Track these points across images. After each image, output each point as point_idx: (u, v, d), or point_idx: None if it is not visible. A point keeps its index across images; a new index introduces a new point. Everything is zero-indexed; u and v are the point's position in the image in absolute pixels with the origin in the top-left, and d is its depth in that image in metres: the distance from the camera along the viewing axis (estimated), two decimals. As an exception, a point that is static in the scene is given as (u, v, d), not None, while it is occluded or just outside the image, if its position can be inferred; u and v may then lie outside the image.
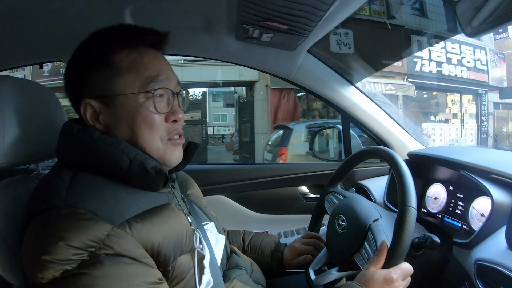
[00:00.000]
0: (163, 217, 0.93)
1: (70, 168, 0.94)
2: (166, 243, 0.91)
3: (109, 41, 0.99)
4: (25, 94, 1.14)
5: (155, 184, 0.97)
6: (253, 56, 1.82)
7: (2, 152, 1.05)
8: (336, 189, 1.49)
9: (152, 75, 0.98)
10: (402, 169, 1.11)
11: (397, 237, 1.02)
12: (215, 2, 1.37)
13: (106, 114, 0.97)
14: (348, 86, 1.95)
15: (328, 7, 1.17)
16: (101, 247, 0.78)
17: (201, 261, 1.00)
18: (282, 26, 1.35)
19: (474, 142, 15.21)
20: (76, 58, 1.01)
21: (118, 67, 0.96)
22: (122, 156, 0.91)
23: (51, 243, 0.76)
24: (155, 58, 1.02)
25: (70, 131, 0.96)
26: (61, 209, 0.81)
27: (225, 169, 2.31)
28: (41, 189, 0.93)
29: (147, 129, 0.97)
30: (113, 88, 0.96)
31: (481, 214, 1.30)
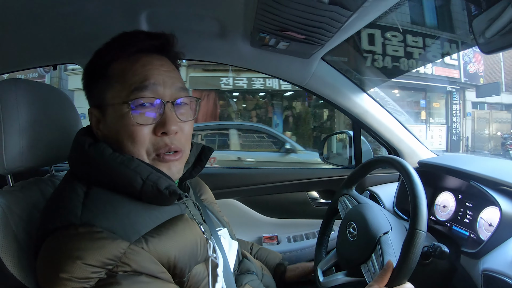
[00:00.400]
0: (178, 230, 0.93)
1: (83, 181, 0.93)
2: (182, 255, 0.91)
3: (106, 50, 0.99)
4: (40, 97, 1.16)
5: (168, 202, 0.96)
6: (267, 62, 1.83)
7: (19, 155, 1.06)
8: (351, 192, 1.49)
9: (138, 81, 0.94)
10: (418, 190, 1.10)
11: (403, 259, 1.03)
12: (232, 9, 1.36)
13: (103, 123, 0.98)
14: (360, 93, 1.95)
15: (346, 19, 1.18)
16: (118, 265, 0.79)
17: (214, 269, 1.01)
18: (299, 36, 1.36)
19: (443, 145, 14.20)
20: (86, 68, 1.03)
21: (110, 76, 0.96)
22: (135, 177, 0.90)
23: (68, 262, 0.77)
24: (146, 64, 0.97)
25: (82, 145, 0.95)
26: (77, 228, 0.81)
27: (236, 173, 2.31)
28: (56, 205, 0.92)
29: (130, 142, 0.94)
30: (105, 98, 0.96)
31: (489, 224, 1.30)
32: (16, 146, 1.06)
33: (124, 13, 1.45)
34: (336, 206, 1.50)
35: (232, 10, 1.37)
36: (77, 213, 0.83)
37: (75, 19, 1.44)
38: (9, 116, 1.05)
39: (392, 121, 2.01)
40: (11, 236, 0.97)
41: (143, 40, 1.00)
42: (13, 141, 1.06)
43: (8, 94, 1.06)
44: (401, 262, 1.03)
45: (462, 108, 14.86)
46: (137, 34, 1.01)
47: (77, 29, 1.53)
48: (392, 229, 1.22)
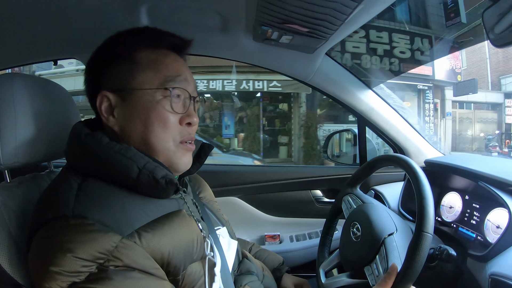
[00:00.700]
0: (173, 225, 0.93)
1: (78, 173, 0.93)
2: (177, 253, 0.90)
3: (133, 38, 1.00)
4: (37, 91, 1.14)
5: (165, 193, 0.95)
6: (270, 57, 1.81)
7: (14, 151, 1.06)
8: (355, 191, 1.46)
9: (172, 74, 0.98)
10: (425, 190, 1.07)
11: (409, 262, 1.00)
12: (233, 2, 1.36)
13: (122, 108, 0.97)
14: (366, 90, 1.93)
15: (351, 11, 1.16)
16: (109, 259, 0.78)
17: (212, 268, 0.99)
18: (302, 28, 1.33)
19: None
20: (99, 52, 1.01)
21: (139, 62, 0.97)
22: (131, 165, 0.90)
23: (59, 255, 0.76)
24: (175, 60, 1.02)
25: (78, 135, 0.95)
26: (68, 219, 0.80)
27: (238, 171, 2.30)
28: (48, 197, 0.92)
29: (161, 127, 0.96)
30: (132, 82, 0.96)
31: (496, 226, 1.28)
32: (12, 141, 1.05)
33: (124, 7, 1.45)
34: (340, 206, 1.48)
35: (234, 3, 1.36)
36: (69, 205, 0.83)
37: (75, 13, 1.44)
38: (5, 111, 1.04)
39: (398, 119, 1.99)
40: (5, 231, 0.96)
41: (173, 37, 1.04)
42: (9, 136, 1.05)
43: (4, 88, 1.05)
44: (406, 266, 1.00)
45: (440, 107, 14.56)
46: (166, 32, 1.04)
47: (77, 24, 1.53)
48: (398, 231, 1.19)
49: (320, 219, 2.11)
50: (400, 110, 2.00)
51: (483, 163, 1.57)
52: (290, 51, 1.68)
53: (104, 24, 1.46)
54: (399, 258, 1.09)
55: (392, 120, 1.98)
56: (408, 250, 1.01)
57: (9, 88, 1.05)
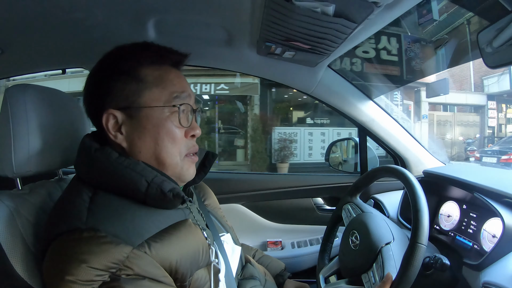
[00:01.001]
0: (180, 235, 0.96)
1: (89, 185, 0.96)
2: (184, 261, 0.94)
3: (137, 54, 1.02)
4: (49, 102, 1.17)
5: (172, 205, 0.99)
6: (274, 70, 1.83)
7: (27, 160, 1.08)
8: (355, 200, 1.49)
9: (177, 90, 1.02)
10: (420, 202, 1.11)
11: (403, 272, 1.04)
12: (238, 18, 1.37)
13: (129, 126, 0.99)
14: (367, 101, 1.96)
15: (352, 31, 1.19)
16: (121, 268, 0.82)
17: (216, 274, 1.03)
18: (305, 46, 1.36)
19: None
20: (101, 68, 1.03)
21: (145, 80, 0.99)
22: (140, 179, 0.93)
23: (74, 265, 0.79)
24: (178, 76, 1.06)
25: (88, 149, 0.97)
26: (82, 232, 0.83)
27: (241, 179, 2.32)
28: (62, 208, 0.95)
29: (170, 143, 1.00)
30: (139, 100, 0.98)
31: (492, 235, 1.30)
32: (25, 151, 1.08)
33: (132, 20, 1.46)
34: (340, 214, 1.51)
35: (239, 19, 1.38)
36: (82, 218, 0.86)
37: (84, 24, 1.46)
38: (18, 121, 1.07)
39: (398, 129, 2.02)
40: (19, 238, 0.99)
41: (174, 54, 1.07)
42: (22, 145, 1.07)
43: (17, 99, 1.08)
44: (400, 275, 1.04)
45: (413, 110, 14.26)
46: (168, 48, 1.07)
47: (87, 35, 1.54)
48: (394, 240, 1.22)
49: (321, 226, 2.14)
50: (400, 121, 2.03)
51: (480, 174, 1.60)
52: (293, 64, 1.71)
53: (113, 35, 1.47)
54: (394, 267, 1.13)
55: (392, 130, 2.01)
56: (402, 260, 1.05)
57: (21, 99, 1.08)
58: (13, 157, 1.07)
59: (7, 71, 1.89)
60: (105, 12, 1.38)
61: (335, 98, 1.96)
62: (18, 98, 1.08)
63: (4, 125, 1.08)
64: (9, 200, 1.03)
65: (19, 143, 1.07)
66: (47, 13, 1.33)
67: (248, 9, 1.25)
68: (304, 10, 1.08)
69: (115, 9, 1.37)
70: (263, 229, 2.20)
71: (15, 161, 1.07)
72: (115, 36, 1.43)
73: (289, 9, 1.08)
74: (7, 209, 1.01)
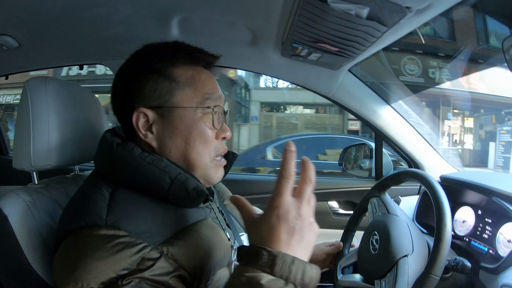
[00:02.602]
0: (202, 233, 0.95)
1: (109, 181, 0.94)
2: (206, 259, 0.92)
3: (170, 54, 1.01)
4: (70, 97, 1.18)
5: (195, 203, 0.98)
6: (295, 72, 1.85)
7: (47, 154, 1.09)
8: (382, 196, 1.48)
9: (209, 92, 1.00)
10: (445, 232, 1.11)
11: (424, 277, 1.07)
12: (266, 19, 1.37)
13: (161, 125, 0.98)
14: (384, 106, 1.97)
15: (382, 34, 1.20)
16: (135, 270, 0.78)
17: None
18: (332, 48, 1.37)
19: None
20: (132, 66, 1.02)
21: (178, 80, 0.98)
22: (164, 176, 0.91)
23: (88, 261, 0.77)
24: (210, 77, 1.05)
25: (110, 144, 0.96)
26: (101, 229, 0.81)
27: (258, 180, 2.33)
28: (81, 204, 0.91)
29: (202, 144, 0.99)
30: (171, 100, 0.97)
31: (508, 240, 1.31)
32: (44, 145, 1.08)
33: (156, 18, 1.47)
34: (366, 206, 1.52)
35: (267, 20, 1.38)
36: (102, 215, 0.84)
37: (107, 20, 1.47)
38: (39, 114, 1.08)
39: (415, 134, 2.03)
40: (35, 232, 1.00)
41: (207, 55, 1.05)
42: (42, 139, 1.08)
43: (39, 91, 1.09)
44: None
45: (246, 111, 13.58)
46: (200, 49, 1.05)
47: (108, 31, 1.56)
48: (413, 252, 1.22)
49: (336, 230, 2.12)
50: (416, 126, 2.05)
51: (496, 179, 1.61)
52: (315, 67, 1.73)
53: (135, 33, 1.49)
54: (406, 283, 1.13)
55: (408, 135, 2.02)
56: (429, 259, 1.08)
57: (43, 92, 1.09)
58: (32, 151, 1.07)
59: (23, 65, 1.91)
60: (129, 9, 1.39)
61: (354, 102, 1.97)
62: (39, 90, 1.09)
63: (24, 117, 1.08)
64: (25, 194, 1.04)
65: (39, 136, 1.07)
66: (69, 7, 1.34)
67: (278, 10, 1.26)
68: (338, 12, 1.09)
69: (139, 5, 1.38)
70: None
71: (34, 155, 1.07)
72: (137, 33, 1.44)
73: (323, 10, 1.09)
74: (24, 203, 1.02)
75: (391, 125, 2.00)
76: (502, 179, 1.70)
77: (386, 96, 1.98)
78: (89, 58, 1.90)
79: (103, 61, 1.86)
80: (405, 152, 2.06)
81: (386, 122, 2.00)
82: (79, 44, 1.71)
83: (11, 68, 1.97)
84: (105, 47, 1.72)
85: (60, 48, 1.75)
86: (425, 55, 11.01)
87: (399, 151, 2.08)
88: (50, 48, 1.73)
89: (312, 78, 1.88)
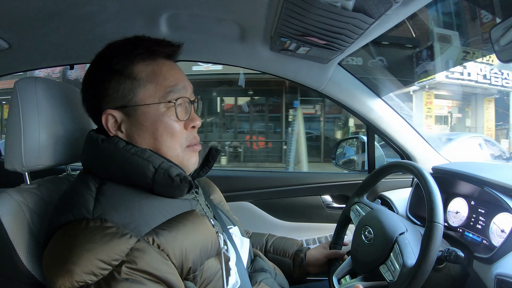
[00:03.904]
0: (188, 223, 0.96)
1: (96, 176, 0.97)
2: (193, 249, 0.94)
3: (128, 52, 1.02)
4: (60, 96, 1.18)
5: (179, 191, 0.99)
6: (285, 66, 1.84)
7: (37, 154, 1.09)
8: (362, 200, 1.52)
9: (171, 85, 1.02)
10: (431, 187, 1.15)
11: (424, 252, 1.06)
12: (253, 13, 1.37)
13: (128, 124, 1.01)
14: (375, 99, 1.98)
15: (369, 26, 1.20)
16: (124, 261, 0.80)
17: (227, 263, 1.04)
18: (320, 41, 1.37)
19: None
20: (95, 69, 1.04)
21: (138, 77, 1.00)
22: (148, 165, 0.94)
23: (77, 254, 0.78)
24: (172, 69, 1.06)
25: (95, 140, 0.99)
26: (89, 221, 0.84)
27: (250, 176, 2.34)
28: (68, 198, 0.94)
29: (169, 137, 1.02)
30: (134, 99, 1.00)
31: (501, 230, 1.32)
32: (35, 145, 1.08)
33: (144, 15, 1.47)
34: (348, 215, 1.54)
35: (254, 14, 1.38)
36: (89, 208, 0.87)
37: (96, 19, 1.47)
38: (29, 114, 1.08)
39: (406, 127, 2.03)
40: (28, 232, 1.00)
41: (166, 47, 1.06)
42: (33, 139, 1.08)
43: (28, 91, 1.09)
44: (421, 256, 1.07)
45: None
46: (159, 40, 1.06)
47: (97, 29, 1.55)
48: (408, 230, 1.25)
49: (329, 224, 2.15)
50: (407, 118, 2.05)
51: (488, 170, 1.61)
52: (305, 61, 1.73)
53: (124, 31, 1.47)
54: (412, 253, 1.15)
55: (400, 128, 2.02)
56: (422, 241, 1.09)
57: (33, 91, 1.09)
58: (23, 151, 1.07)
59: (14, 66, 1.90)
60: (117, 6, 1.39)
61: (345, 96, 1.97)
62: (29, 91, 1.09)
63: (14, 118, 1.08)
64: (18, 194, 1.04)
65: (29, 136, 1.08)
66: (57, 6, 1.34)
67: (265, 4, 1.26)
68: (324, 5, 1.09)
69: (127, 3, 1.38)
70: (272, 227, 2.19)
71: (25, 155, 1.08)
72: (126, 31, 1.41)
73: (309, 3, 1.10)
74: (16, 203, 1.01)
75: (383, 118, 2.00)
76: (494, 169, 1.71)
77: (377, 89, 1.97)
78: (79, 58, 1.88)
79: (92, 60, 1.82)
80: (397, 145, 2.06)
81: (377, 115, 2.00)
82: (68, 44, 1.71)
83: (2, 70, 1.96)
84: (95, 47, 1.67)
85: (50, 48, 1.74)
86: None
87: (391, 144, 2.08)
88: (40, 48, 1.73)
89: (302, 72, 1.88)
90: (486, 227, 1.40)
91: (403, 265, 1.13)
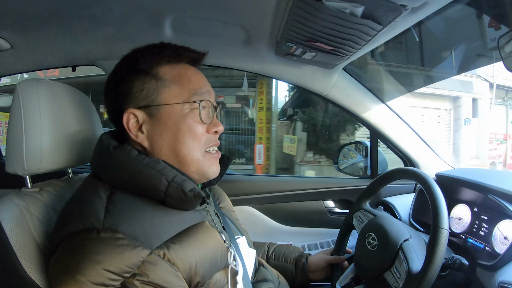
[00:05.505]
0: (199, 237, 0.95)
1: (106, 184, 0.96)
2: (203, 262, 0.93)
3: (155, 54, 1.03)
4: (62, 98, 1.17)
5: (191, 205, 0.98)
6: (290, 71, 1.84)
7: (39, 157, 1.07)
8: (365, 207, 1.52)
9: (195, 87, 1.03)
10: (436, 193, 1.16)
11: (430, 258, 1.06)
12: (260, 18, 1.37)
13: (150, 124, 1.01)
14: (379, 104, 1.97)
15: (376, 33, 1.20)
16: (136, 273, 0.80)
17: (234, 276, 1.03)
18: (327, 47, 1.37)
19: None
20: (120, 69, 1.04)
21: (164, 78, 1.01)
22: (161, 178, 0.93)
23: (87, 265, 0.77)
24: (196, 73, 1.08)
25: (106, 147, 0.98)
26: (99, 232, 0.82)
27: (253, 181, 2.32)
28: (77, 206, 0.92)
29: (191, 138, 1.01)
30: (158, 98, 1.00)
31: (504, 237, 1.32)
32: (37, 148, 1.07)
33: (149, 18, 1.47)
34: (351, 222, 1.54)
35: (260, 19, 1.38)
36: (99, 218, 0.85)
37: (100, 20, 1.47)
38: (31, 116, 1.06)
39: (410, 132, 2.03)
40: (29, 237, 0.98)
41: (191, 52, 1.08)
42: (35, 142, 1.07)
43: (30, 93, 1.07)
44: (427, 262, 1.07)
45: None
46: (185, 47, 1.08)
47: (101, 31, 1.56)
48: (412, 237, 1.25)
49: (332, 229, 2.13)
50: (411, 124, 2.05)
51: (492, 177, 1.61)
52: (309, 66, 1.74)
53: (128, 33, 1.49)
54: (417, 259, 1.15)
55: (403, 133, 2.02)
56: (427, 247, 1.09)
57: (35, 94, 1.07)
58: (25, 154, 1.06)
59: (15, 67, 1.89)
60: (121, 8, 1.39)
61: (349, 101, 1.97)
62: (31, 93, 1.07)
63: (15, 120, 1.07)
64: (19, 198, 1.02)
65: (31, 139, 1.06)
66: (61, 7, 1.33)
67: (272, 8, 1.26)
68: (332, 11, 1.09)
69: (132, 5, 1.37)
70: (274, 231, 2.19)
71: (27, 159, 1.06)
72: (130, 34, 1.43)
73: (317, 9, 1.10)
74: (17, 208, 1.00)
75: (386, 123, 2.00)
76: (497, 176, 1.70)
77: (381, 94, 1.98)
78: (82, 60, 1.86)
79: (95, 62, 1.83)
80: (400, 150, 2.06)
81: (381, 121, 2.00)
82: (72, 45, 1.70)
83: (3, 70, 1.95)
84: (97, 48, 1.71)
85: (52, 49, 1.74)
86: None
87: (395, 150, 2.08)
88: (42, 49, 1.72)
89: (306, 77, 1.87)
90: (489, 233, 1.40)
91: (408, 271, 1.13)
